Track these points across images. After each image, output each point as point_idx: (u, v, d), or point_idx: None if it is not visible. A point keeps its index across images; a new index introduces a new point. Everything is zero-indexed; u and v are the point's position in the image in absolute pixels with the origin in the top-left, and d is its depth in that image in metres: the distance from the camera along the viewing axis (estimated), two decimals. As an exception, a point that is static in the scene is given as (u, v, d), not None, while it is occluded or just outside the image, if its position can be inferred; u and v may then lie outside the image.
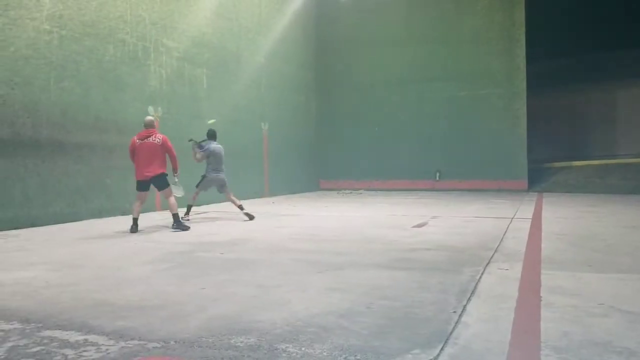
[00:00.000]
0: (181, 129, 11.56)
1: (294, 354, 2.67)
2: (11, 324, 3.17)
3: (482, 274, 4.52)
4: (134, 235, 7.28)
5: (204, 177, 9.30)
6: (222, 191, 9.43)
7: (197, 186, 9.33)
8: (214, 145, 9.22)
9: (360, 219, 9.43)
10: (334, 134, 18.90)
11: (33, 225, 8.13)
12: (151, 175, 7.63)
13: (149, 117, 7.99)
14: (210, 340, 2.89)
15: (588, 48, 20.16)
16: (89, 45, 9.39)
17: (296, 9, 17.25)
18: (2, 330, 3.06)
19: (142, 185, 7.72)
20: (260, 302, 3.67)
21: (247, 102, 14.31)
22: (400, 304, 3.60)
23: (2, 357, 2.66)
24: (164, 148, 7.72)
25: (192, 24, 12.13)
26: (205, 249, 6.11)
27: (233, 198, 9.27)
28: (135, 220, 7.68)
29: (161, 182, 7.78)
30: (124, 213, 9.90)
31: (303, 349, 2.74)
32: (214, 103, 12.92)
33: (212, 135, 9.38)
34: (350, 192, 17.45)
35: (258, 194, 14.75)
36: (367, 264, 5.05)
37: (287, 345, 2.79)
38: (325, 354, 2.67)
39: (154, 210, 10.74)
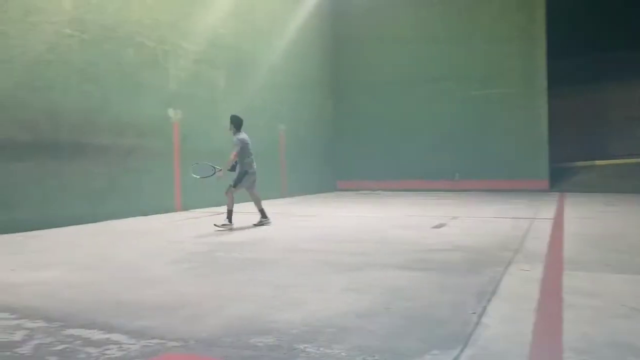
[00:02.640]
0: (199, 130, 11.65)
1: (313, 354, 2.67)
2: (36, 323, 3.23)
3: (502, 275, 4.48)
4: (154, 236, 7.35)
5: (245, 172, 8.22)
6: (253, 188, 8.47)
7: (235, 186, 8.18)
8: (244, 135, 8.30)
9: (378, 219, 9.40)
10: (351, 134, 18.86)
11: (53, 226, 8.25)
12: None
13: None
14: (229, 339, 2.91)
15: (609, 47, 19.86)
16: (109, 48, 9.50)
17: (311, 10, 17.27)
18: (28, 329, 3.11)
19: None
20: (279, 302, 3.68)
21: (263, 102, 14.36)
22: (418, 305, 3.58)
23: (29, 354, 2.71)
24: None
25: (209, 26, 12.21)
26: (225, 249, 6.15)
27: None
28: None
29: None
30: (142, 214, 10.00)
31: (322, 349, 2.74)
32: (231, 104, 12.98)
33: (239, 124, 8.35)
34: (368, 193, 17.42)
35: (275, 194, 14.79)
36: (385, 265, 5.04)
37: (306, 345, 2.80)
38: (343, 354, 2.67)
39: (174, 211, 10.83)
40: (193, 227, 8.43)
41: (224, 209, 8.18)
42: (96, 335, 3.00)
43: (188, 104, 11.49)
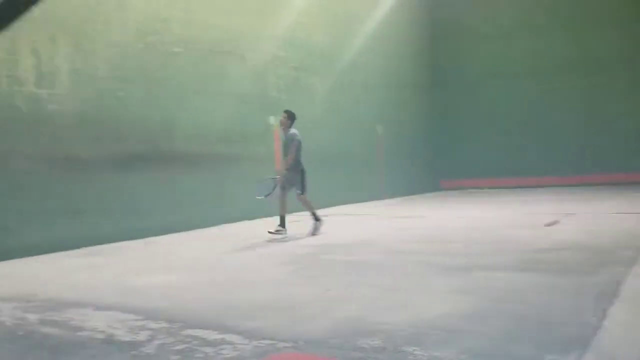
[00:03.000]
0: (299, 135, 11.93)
1: (420, 357, 2.65)
2: (158, 324, 3.49)
3: (624, 275, 4.17)
4: (260, 239, 7.63)
5: (303, 172, 7.82)
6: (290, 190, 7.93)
7: (302, 192, 7.78)
8: (296, 130, 7.92)
9: (486, 218, 9.10)
10: (452, 131, 18.35)
11: (171, 232, 8.82)
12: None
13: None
14: (337, 341, 2.96)
15: None
16: (215, 63, 10.02)
17: (406, 8, 17.09)
18: (151, 329, 3.37)
19: None
20: (384, 304, 3.69)
21: (360, 104, 14.41)
22: (531, 307, 3.43)
23: (153, 354, 2.94)
24: None
25: (305, 35, 12.48)
26: (328, 251, 6.25)
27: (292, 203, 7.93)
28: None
29: None
30: (250, 219, 10.41)
31: (429, 351, 2.71)
32: (329, 108, 13.18)
33: (294, 119, 8.00)
34: (474, 191, 16.88)
35: (375, 196, 14.77)
36: (494, 266, 4.87)
37: (414, 347, 2.78)
38: (452, 357, 2.62)
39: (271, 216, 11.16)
40: (296, 230, 8.64)
41: (326, 212, 8.31)
42: (212, 335, 3.18)
43: (288, 111, 11.80)
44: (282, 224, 7.64)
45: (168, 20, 9.11)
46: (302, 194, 7.76)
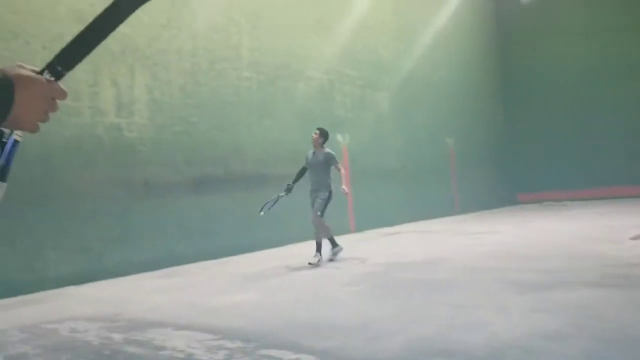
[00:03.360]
0: (367, 152, 11.93)
1: (499, 379, 2.56)
2: (235, 343, 3.57)
3: None
4: (326, 258, 7.65)
5: (331, 193, 7.34)
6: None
7: (321, 212, 7.17)
8: None
9: (566, 232, 8.69)
10: (528, 142, 17.68)
11: (245, 251, 9.02)
12: None
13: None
14: (411, 361, 2.91)
15: None
16: (282, 85, 10.26)
17: (472, 17, 16.82)
18: (228, 349, 3.45)
19: None
20: (460, 323, 3.60)
21: (429, 118, 14.24)
22: (616, 325, 3.24)
23: (229, 372, 3.01)
24: None
25: (371, 51, 12.54)
26: (399, 269, 6.18)
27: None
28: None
29: None
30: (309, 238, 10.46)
31: (508, 373, 2.61)
32: (396, 123, 13.12)
33: (327, 138, 7.67)
34: (553, 204, 16.17)
35: (449, 211, 14.47)
36: (575, 282, 4.64)
37: (491, 369, 2.69)
38: (533, 380, 2.51)
39: (348, 232, 11.17)
40: (367, 248, 8.61)
41: (396, 229, 8.21)
42: (287, 355, 3.21)
43: (355, 128, 11.85)
44: (334, 244, 7.34)
45: (237, 47, 9.44)
46: (322, 216, 7.18)
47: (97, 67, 7.42)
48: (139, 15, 8.10)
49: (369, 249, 8.46)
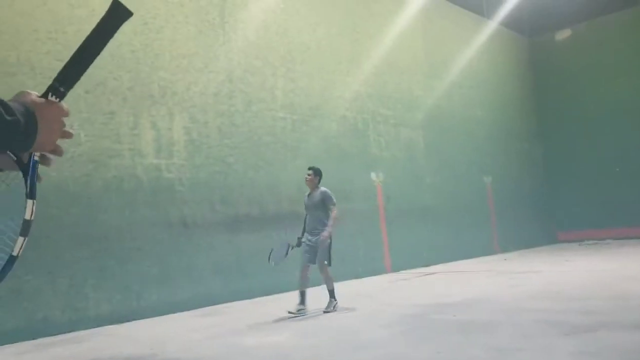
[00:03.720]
0: (401, 190, 11.87)
1: None
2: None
3: None
4: (368, 298, 7.54)
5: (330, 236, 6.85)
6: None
7: (328, 260, 6.85)
8: None
9: (610, 272, 8.38)
10: (568, 179, 17.29)
11: (280, 292, 8.98)
12: None
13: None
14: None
15: None
16: (315, 125, 10.39)
17: (507, 56, 16.80)
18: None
19: None
20: (502, 368, 3.48)
21: (465, 156, 14.12)
22: (672, 373, 3.08)
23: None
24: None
25: (405, 90, 12.62)
26: (438, 310, 6.04)
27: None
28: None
29: None
30: (356, 277, 10.36)
31: (555, 421, 2.50)
32: (432, 161, 13.04)
33: (321, 176, 7.27)
34: (595, 243, 15.65)
35: (486, 251, 14.16)
36: (623, 325, 4.44)
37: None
38: None
39: (384, 272, 11.02)
40: (403, 289, 8.47)
41: (433, 269, 8.05)
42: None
43: (389, 166, 11.84)
44: (332, 295, 6.81)
45: (272, 88, 9.65)
46: (329, 265, 6.82)
47: (138, 110, 7.68)
48: (178, 60, 8.41)
49: (406, 289, 8.32)
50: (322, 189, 7.08)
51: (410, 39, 12.99)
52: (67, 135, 1.13)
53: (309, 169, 7.26)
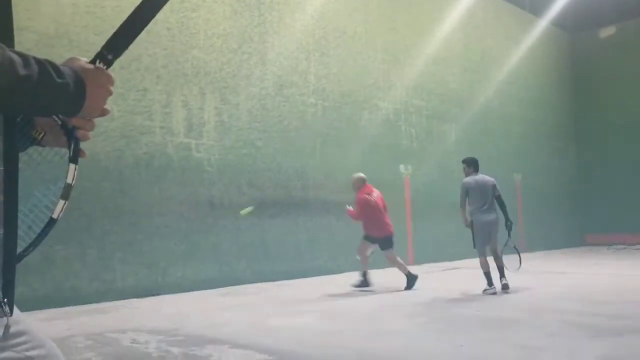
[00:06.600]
0: (430, 184, 11.75)
1: None
2: (289, 366, 3.54)
3: None
4: (390, 289, 7.51)
5: (471, 223, 7.13)
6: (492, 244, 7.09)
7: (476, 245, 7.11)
8: (471, 177, 7.52)
9: (637, 277, 8.18)
10: (600, 182, 16.88)
11: (303, 276, 9.01)
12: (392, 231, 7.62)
13: (361, 174, 7.97)
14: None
15: None
16: (347, 112, 10.32)
17: (548, 54, 16.40)
18: (283, 371, 3.42)
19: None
20: (525, 365, 3.42)
21: (497, 152, 13.88)
22: None
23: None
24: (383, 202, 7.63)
25: (440, 82, 12.44)
26: (461, 305, 5.98)
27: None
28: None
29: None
30: (378, 267, 10.32)
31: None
32: (462, 156, 12.76)
33: (472, 165, 7.68)
34: (624, 248, 15.29)
35: (512, 249, 13.93)
36: (652, 331, 4.33)
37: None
38: None
39: (407, 264, 10.94)
40: (426, 281, 8.40)
41: (456, 264, 7.97)
42: (343, 382, 3.14)
43: (419, 159, 11.72)
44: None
45: (305, 73, 9.61)
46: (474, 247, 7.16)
47: (171, 88, 7.73)
48: (212, 40, 8.43)
49: (429, 282, 8.25)
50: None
51: (449, 30, 12.77)
52: (106, 112, 1.13)
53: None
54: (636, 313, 5.19)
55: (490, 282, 6.76)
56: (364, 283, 7.50)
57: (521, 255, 7.36)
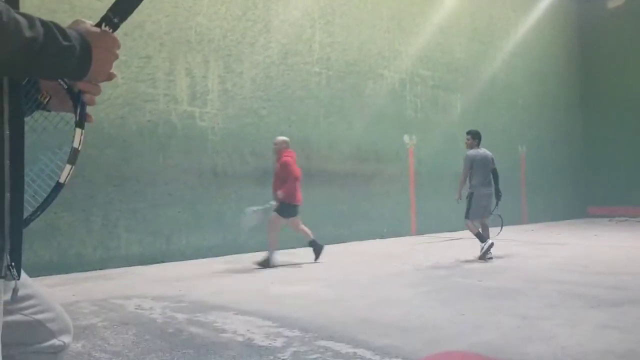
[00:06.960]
0: (435, 155, 11.72)
1: (567, 394, 2.44)
2: (293, 332, 3.59)
3: None
4: (393, 258, 7.57)
5: (471, 195, 7.37)
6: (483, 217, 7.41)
7: (468, 216, 7.34)
8: (473, 150, 7.62)
9: (638, 249, 8.23)
10: (604, 155, 16.82)
11: (303, 245, 9.05)
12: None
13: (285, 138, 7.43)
14: (473, 367, 2.83)
15: None
16: (351, 82, 10.24)
17: (555, 23, 16.14)
18: (286, 337, 3.48)
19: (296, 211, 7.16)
20: (525, 334, 3.47)
21: (502, 124, 13.80)
22: (701, 352, 3.02)
23: (288, 359, 3.03)
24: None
25: (446, 52, 12.29)
26: (464, 274, 6.03)
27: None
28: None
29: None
30: (381, 237, 10.40)
31: (578, 389, 2.49)
32: (467, 127, 12.72)
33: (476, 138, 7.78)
34: (626, 220, 15.32)
35: (515, 220, 13.99)
36: (652, 302, 4.37)
37: (559, 383, 2.57)
38: (605, 398, 2.38)
39: (409, 235, 11.02)
40: (429, 251, 8.47)
41: (459, 234, 8.02)
42: (344, 348, 3.20)
43: (424, 129, 11.67)
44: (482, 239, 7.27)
45: (309, 41, 9.50)
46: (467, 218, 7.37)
47: (174, 55, 7.66)
48: (216, 7, 8.31)
49: (432, 252, 8.31)
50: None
51: (455, -1, 12.56)
52: (112, 76, 1.12)
53: (467, 133, 7.88)
54: (635, 284, 5.23)
55: (482, 239, 7.09)
56: (267, 263, 6.78)
57: (504, 224, 8.02)
